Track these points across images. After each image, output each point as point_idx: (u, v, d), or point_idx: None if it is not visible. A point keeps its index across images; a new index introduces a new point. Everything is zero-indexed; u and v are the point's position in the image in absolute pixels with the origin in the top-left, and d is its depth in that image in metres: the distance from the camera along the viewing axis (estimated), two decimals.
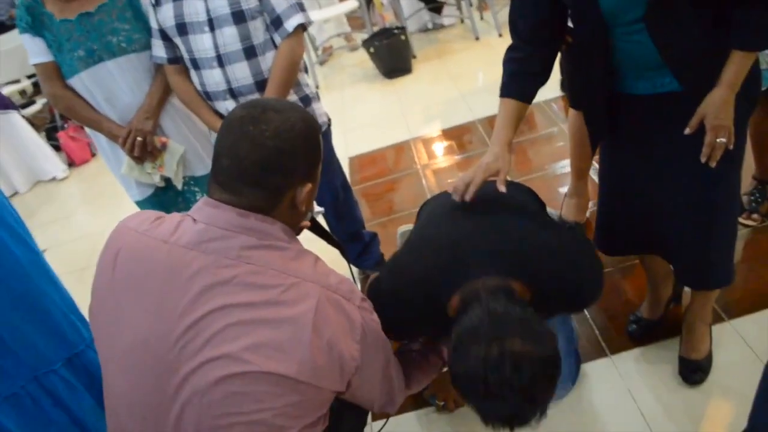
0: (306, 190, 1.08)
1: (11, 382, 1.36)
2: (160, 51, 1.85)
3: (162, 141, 1.93)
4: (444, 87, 4.26)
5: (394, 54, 4.64)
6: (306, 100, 1.97)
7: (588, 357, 1.84)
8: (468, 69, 4.47)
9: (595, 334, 1.91)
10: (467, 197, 1.38)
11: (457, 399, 1.80)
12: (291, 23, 1.78)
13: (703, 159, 1.32)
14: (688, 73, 1.31)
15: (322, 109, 2.04)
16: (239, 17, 1.74)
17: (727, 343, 1.75)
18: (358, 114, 4.24)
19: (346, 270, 1.40)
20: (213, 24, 1.74)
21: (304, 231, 1.25)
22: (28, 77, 5.25)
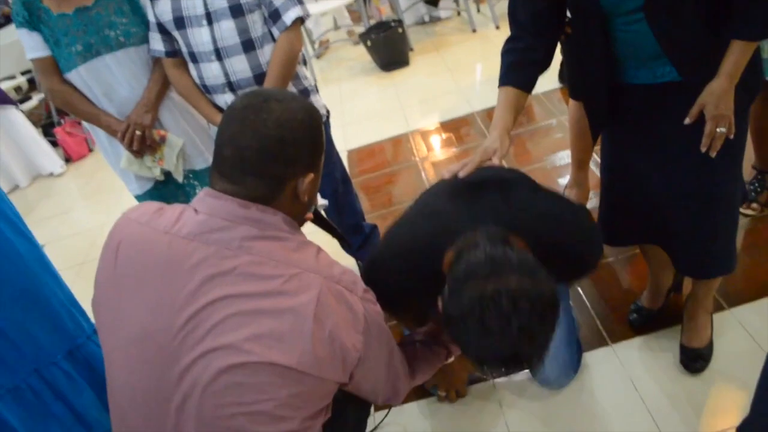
0: (308, 180, 1.08)
1: (13, 375, 1.36)
2: (157, 44, 1.84)
3: (161, 134, 1.92)
4: (441, 79, 4.25)
5: (391, 47, 4.62)
6: (305, 92, 1.96)
7: (589, 346, 1.85)
8: (465, 61, 4.46)
9: (596, 323, 1.92)
10: (461, 174, 1.33)
11: (459, 390, 1.81)
12: (289, 16, 1.77)
13: (703, 149, 1.32)
14: (687, 63, 1.30)
15: (320, 102, 2.04)
16: (237, 10, 1.73)
17: (728, 332, 1.75)
18: (355, 107, 4.23)
19: (348, 262, 1.39)
20: (211, 17, 1.73)
21: (306, 224, 1.24)
22: (22, 73, 5.22)
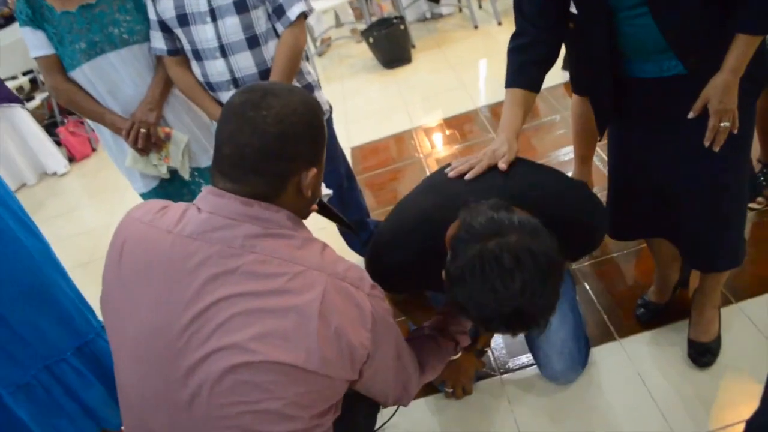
0: (311, 174, 1.05)
1: (24, 371, 1.37)
2: (159, 42, 1.83)
3: (166, 131, 1.92)
4: (444, 76, 4.24)
5: (393, 44, 4.61)
6: (309, 88, 1.96)
7: (597, 341, 1.84)
8: (467, 58, 4.45)
9: (604, 318, 1.92)
10: (468, 177, 1.35)
11: (466, 386, 1.80)
12: (293, 11, 1.77)
13: (707, 143, 1.32)
14: (692, 57, 1.30)
15: (323, 98, 2.03)
16: (241, 6, 1.73)
17: (736, 326, 1.75)
18: (358, 104, 4.23)
19: (355, 258, 1.38)
20: (215, 14, 1.73)
21: (314, 219, 1.23)
22: (24, 74, 5.22)
